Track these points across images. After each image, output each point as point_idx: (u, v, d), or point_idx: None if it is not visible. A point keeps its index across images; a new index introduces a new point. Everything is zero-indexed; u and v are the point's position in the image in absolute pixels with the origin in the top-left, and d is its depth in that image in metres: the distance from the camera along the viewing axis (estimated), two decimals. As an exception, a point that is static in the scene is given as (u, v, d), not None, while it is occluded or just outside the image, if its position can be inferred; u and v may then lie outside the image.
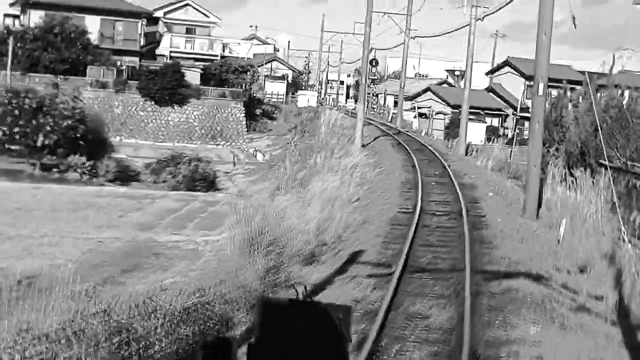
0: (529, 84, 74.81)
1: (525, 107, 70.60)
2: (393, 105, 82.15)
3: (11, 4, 76.75)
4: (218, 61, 78.93)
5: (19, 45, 69.25)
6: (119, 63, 76.91)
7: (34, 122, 44.55)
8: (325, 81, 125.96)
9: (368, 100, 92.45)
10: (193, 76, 75.57)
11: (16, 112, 44.86)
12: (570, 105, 45.59)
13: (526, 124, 69.38)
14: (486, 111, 73.99)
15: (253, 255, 15.33)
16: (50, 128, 43.74)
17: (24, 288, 13.70)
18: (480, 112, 72.63)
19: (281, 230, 16.74)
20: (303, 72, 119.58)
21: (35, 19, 73.59)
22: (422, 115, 73.64)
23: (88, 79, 72.76)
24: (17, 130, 45.06)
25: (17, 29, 71.05)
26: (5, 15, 77.43)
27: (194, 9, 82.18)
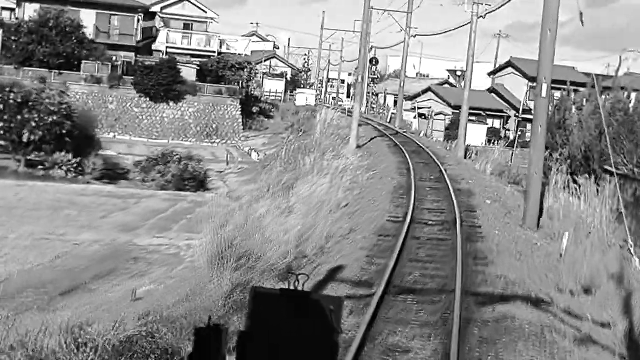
0: (532, 85, 73.48)
1: (528, 109, 69.29)
2: (393, 105, 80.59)
3: (7, -3, 75.60)
4: (215, 58, 77.44)
5: (13, 38, 68.10)
6: (114, 58, 75.67)
7: (19, 118, 42.98)
8: (326, 80, 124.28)
9: (368, 100, 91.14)
10: (189, 72, 74.09)
11: (0, 107, 43.30)
12: (574, 108, 44.17)
13: (528, 126, 67.97)
14: (488, 112, 72.71)
15: (222, 269, 13.80)
16: (36, 124, 42.19)
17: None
18: (482, 114, 71.36)
19: (256, 241, 15.18)
20: (302, 70, 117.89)
21: (31, 12, 72.51)
22: (422, 115, 72.12)
23: (83, 74, 71.97)
24: (2, 125, 43.51)
25: (11, 22, 69.73)
26: (3, 8, 76.15)
27: (191, 4, 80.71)
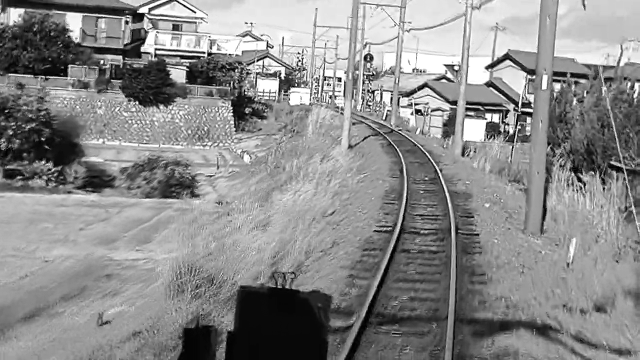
0: (531, 78, 71.67)
1: (527, 102, 67.55)
2: (390, 102, 78.78)
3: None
4: (205, 58, 75.57)
5: (-4, 44, 66.75)
6: (101, 62, 73.96)
7: (-5, 126, 41.15)
8: (322, 78, 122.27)
9: (363, 97, 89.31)
10: (179, 74, 72.30)
11: (-25, 116, 41.46)
12: (575, 100, 42.41)
13: (528, 119, 66.27)
14: (486, 107, 70.92)
15: (179, 297, 11.99)
16: (13, 132, 40.33)
17: None
18: (480, 108, 69.63)
19: (222, 261, 13.35)
20: (296, 69, 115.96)
21: (15, 17, 71.09)
22: (419, 112, 70.30)
23: (69, 79, 70.48)
24: (-23, 134, 41.64)
25: (-5, 27, 68.18)
26: (-12, 13, 74.57)
27: (180, 4, 78.89)
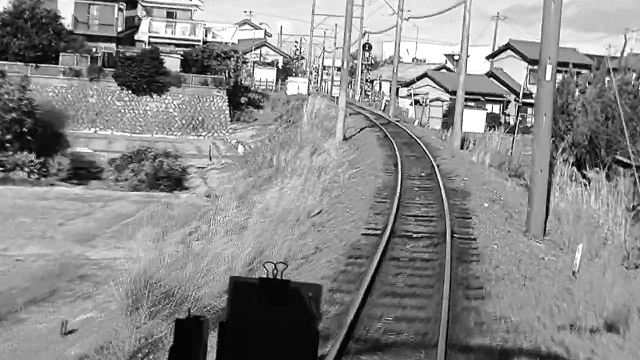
0: (532, 68, 70.15)
1: (528, 93, 66.03)
2: (389, 92, 77.14)
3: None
4: (200, 47, 73.88)
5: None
6: (94, 50, 72.33)
7: (-24, 116, 39.71)
8: (321, 67, 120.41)
9: (362, 87, 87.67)
10: (173, 63, 70.70)
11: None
12: (577, 91, 40.88)
13: (529, 110, 64.86)
14: (486, 97, 69.42)
15: (134, 315, 10.51)
16: (-7, 122, 38.93)
17: None
18: (480, 99, 68.19)
19: (186, 274, 11.85)
20: (294, 58, 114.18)
21: (5, 3, 69.59)
22: (418, 102, 68.75)
23: (61, 67, 69.04)
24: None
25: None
26: (-22, 0, 73.03)
27: (175, -10, 77.27)
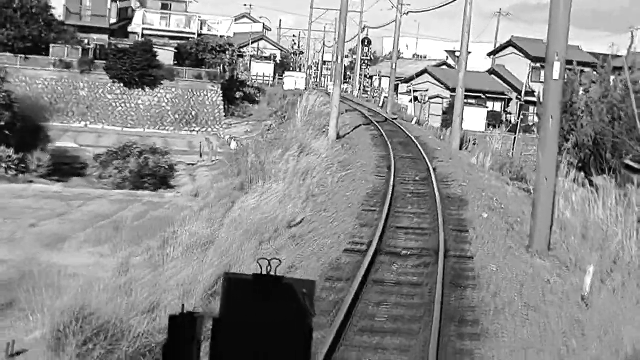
0: (535, 65, 68.29)
1: (531, 91, 64.33)
2: (388, 88, 75.28)
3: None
4: (194, 39, 72.01)
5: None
6: (86, 41, 70.53)
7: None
8: (321, 62, 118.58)
9: (361, 83, 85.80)
10: (166, 56, 68.89)
11: None
12: (582, 90, 39.14)
13: (531, 109, 63.05)
14: (487, 95, 67.59)
15: (59, 356, 8.74)
16: (-31, 116, 37.17)
17: None
18: (481, 96, 66.44)
19: (128, 304, 10.05)
20: (293, 53, 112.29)
21: (-6, -7, 67.89)
22: (417, 99, 66.91)
23: (51, 59, 67.32)
24: None
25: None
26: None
27: (170, -19, 75.40)
